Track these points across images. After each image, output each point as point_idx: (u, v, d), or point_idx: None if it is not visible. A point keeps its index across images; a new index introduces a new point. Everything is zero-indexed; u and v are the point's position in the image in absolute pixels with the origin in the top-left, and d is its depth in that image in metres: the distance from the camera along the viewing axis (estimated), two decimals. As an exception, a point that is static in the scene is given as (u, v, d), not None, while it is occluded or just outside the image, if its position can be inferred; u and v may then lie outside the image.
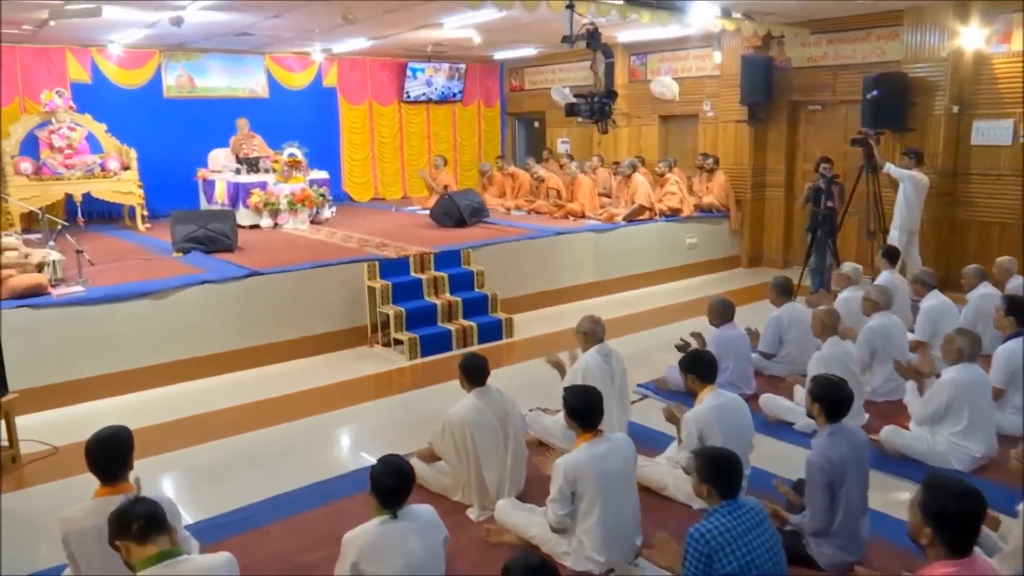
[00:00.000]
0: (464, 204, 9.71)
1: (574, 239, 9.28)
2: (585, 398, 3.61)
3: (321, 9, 8.27)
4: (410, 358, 7.14)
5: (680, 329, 8.14)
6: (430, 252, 8.00)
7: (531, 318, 8.41)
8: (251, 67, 12.32)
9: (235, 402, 6.15)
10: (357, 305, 7.50)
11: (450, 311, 7.64)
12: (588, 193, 10.37)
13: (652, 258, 10.10)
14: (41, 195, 9.54)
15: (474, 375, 4.28)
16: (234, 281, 6.86)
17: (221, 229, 8.10)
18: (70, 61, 10.85)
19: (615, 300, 9.44)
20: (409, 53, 12.96)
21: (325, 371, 6.89)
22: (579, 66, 13.48)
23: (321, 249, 8.28)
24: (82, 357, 6.14)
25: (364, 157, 13.58)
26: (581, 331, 4.96)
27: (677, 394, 6.02)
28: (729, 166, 11.10)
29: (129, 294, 6.35)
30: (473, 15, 9.05)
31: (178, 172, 11.39)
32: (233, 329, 6.83)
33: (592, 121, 6.07)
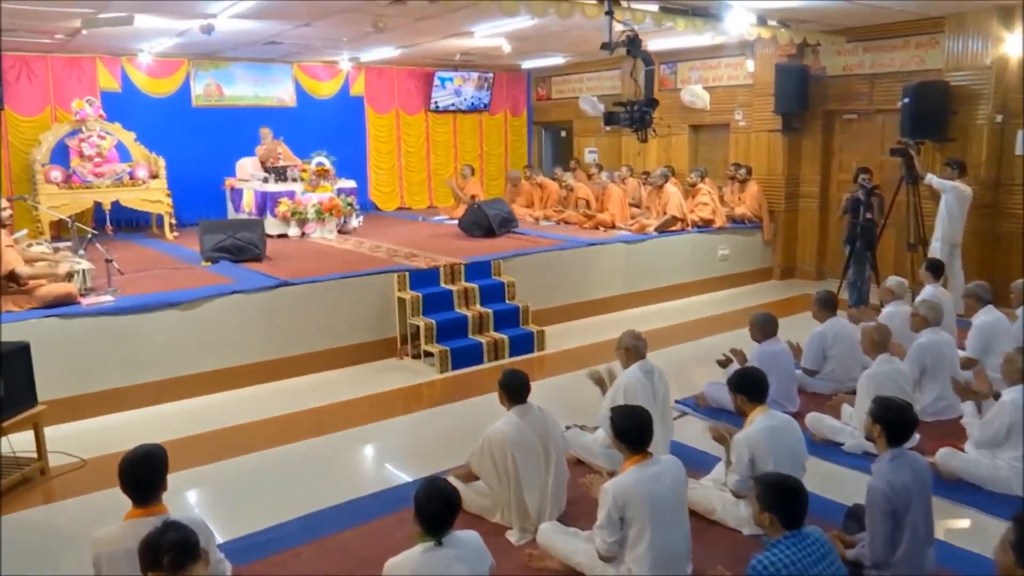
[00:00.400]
0: (493, 214, 9.59)
1: (605, 250, 9.12)
2: (634, 419, 3.45)
3: (352, 17, 8.20)
4: (441, 371, 7.01)
5: (715, 343, 8.00)
6: (460, 263, 7.88)
7: (562, 330, 8.25)
8: (279, 76, 12.30)
9: (265, 415, 6.04)
10: (387, 316, 7.39)
11: (481, 323, 7.51)
12: (618, 203, 10.21)
13: (683, 270, 9.92)
14: (71, 203, 9.54)
15: (514, 392, 4.14)
16: (263, 291, 6.77)
17: (249, 238, 8.03)
18: (100, 70, 10.88)
19: (646, 312, 9.27)
20: (437, 62, 12.89)
21: (355, 383, 6.77)
22: (608, 75, 13.37)
23: (350, 259, 8.18)
24: (111, 368, 6.07)
25: (390, 166, 13.51)
26: (622, 347, 4.80)
27: (717, 411, 5.86)
28: (762, 176, 10.90)
29: (158, 304, 6.27)
30: (503, 24, 8.95)
31: (206, 181, 11.38)
32: (262, 340, 6.74)
33: (632, 130, 5.92)
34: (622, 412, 3.50)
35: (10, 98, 10.33)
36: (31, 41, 9.47)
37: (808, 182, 10.89)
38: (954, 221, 8.28)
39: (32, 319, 5.79)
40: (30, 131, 10.45)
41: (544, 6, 6.97)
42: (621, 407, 3.61)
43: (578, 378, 6.72)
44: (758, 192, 10.68)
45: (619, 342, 4.84)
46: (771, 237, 10.88)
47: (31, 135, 10.40)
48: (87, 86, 10.75)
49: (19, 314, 5.84)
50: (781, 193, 10.87)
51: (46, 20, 7.97)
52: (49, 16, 7.75)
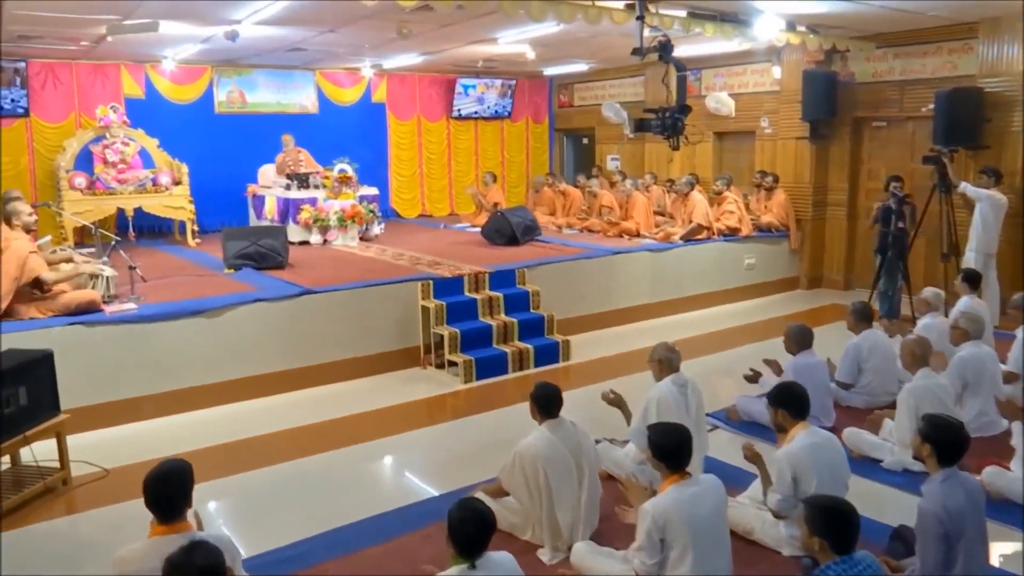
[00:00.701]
0: (516, 222, 9.49)
1: (630, 259, 8.99)
2: (673, 437, 3.32)
3: (376, 24, 8.14)
4: (465, 381, 6.90)
5: (743, 355, 7.86)
6: (485, 271, 7.78)
7: (586, 340, 8.13)
8: (301, 82, 12.29)
9: (288, 425, 5.96)
10: (410, 325, 7.29)
11: (505, 332, 7.40)
12: (643, 211, 10.08)
13: (709, 279, 9.76)
14: (94, 209, 9.53)
15: (547, 406, 4.02)
16: (287, 299, 6.70)
17: (272, 246, 7.97)
18: (125, 77, 10.91)
19: (671, 322, 9.13)
20: (459, 69, 12.83)
21: (378, 393, 6.67)
22: (631, 81, 13.26)
23: (373, 267, 8.11)
24: (134, 376, 6.01)
25: (412, 173, 13.46)
26: (656, 359, 4.67)
27: (748, 424, 5.73)
28: (788, 184, 10.74)
29: (181, 312, 6.21)
30: (528, 30, 8.87)
31: (228, 187, 11.38)
32: (285, 348, 6.67)
33: (664, 137, 5.80)
34: (661, 430, 3.38)
35: (36, 105, 10.38)
36: (57, 48, 9.50)
37: (836, 190, 10.72)
38: (989, 231, 8.10)
39: (55, 326, 5.75)
40: (55, 137, 10.49)
41: (572, 11, 6.87)
42: (660, 425, 3.48)
43: (604, 390, 6.63)
44: (785, 200, 10.51)
45: (652, 354, 4.71)
46: (798, 246, 10.70)
47: (56, 141, 10.43)
48: (111, 92, 10.77)
49: (43, 321, 5.80)
50: (808, 201, 10.69)
51: (73, 27, 7.98)
52: (75, 23, 7.75)
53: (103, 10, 7.16)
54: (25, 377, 4.67)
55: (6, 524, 4.45)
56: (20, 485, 4.75)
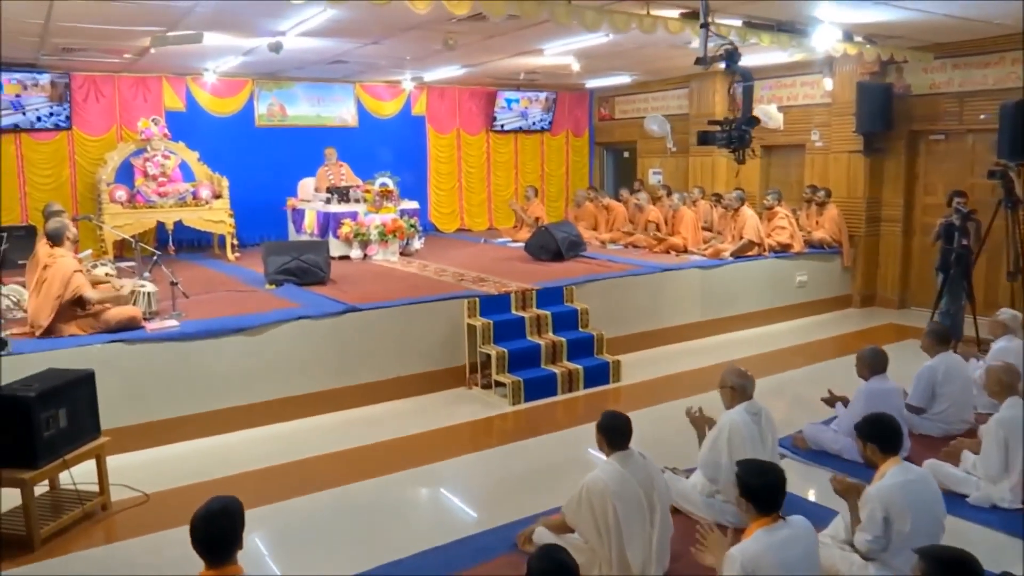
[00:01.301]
0: (561, 237, 9.24)
1: (680, 276, 8.70)
2: (766, 476, 3.04)
3: (423, 35, 7.98)
4: (513, 403, 6.65)
5: (801, 377, 7.53)
6: (532, 288, 7.53)
7: (636, 360, 7.84)
8: (341, 96, 12.19)
9: (333, 448, 5.75)
10: (456, 344, 7.07)
11: (554, 352, 7.14)
12: (691, 226, 9.79)
13: (760, 297, 9.43)
14: (134, 223, 9.46)
15: (616, 437, 3.75)
16: (331, 317, 6.50)
17: (315, 261, 7.80)
18: (166, 89, 10.87)
19: (722, 342, 8.81)
20: (499, 81, 12.65)
21: (424, 415, 6.44)
22: (674, 94, 12.99)
23: (416, 283, 7.90)
24: (174, 395, 5.84)
25: (451, 187, 13.28)
26: (727, 385, 4.39)
27: (818, 453, 5.41)
28: (840, 199, 10.38)
29: (223, 329, 6.04)
30: (574, 41, 8.66)
31: (267, 201, 11.29)
32: (329, 367, 6.47)
33: (730, 150, 5.54)
34: (752, 468, 3.09)
35: (78, 118, 10.37)
36: (100, 61, 9.47)
37: (890, 205, 10.34)
38: (1060, 248, 7.70)
39: (96, 344, 5.61)
40: (96, 150, 10.46)
41: (626, 20, 6.64)
42: (751, 463, 3.19)
43: (660, 414, 6.36)
44: (837, 216, 10.15)
45: (723, 379, 4.43)
46: (851, 263, 10.32)
47: (97, 154, 10.41)
48: (152, 105, 10.74)
49: (83, 339, 5.66)
50: (862, 217, 10.33)
51: (118, 39, 7.92)
52: (121, 35, 7.68)
53: (149, 20, 7.06)
54: (66, 398, 4.51)
55: (44, 552, 4.28)
56: (58, 510, 4.58)
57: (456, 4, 5.65)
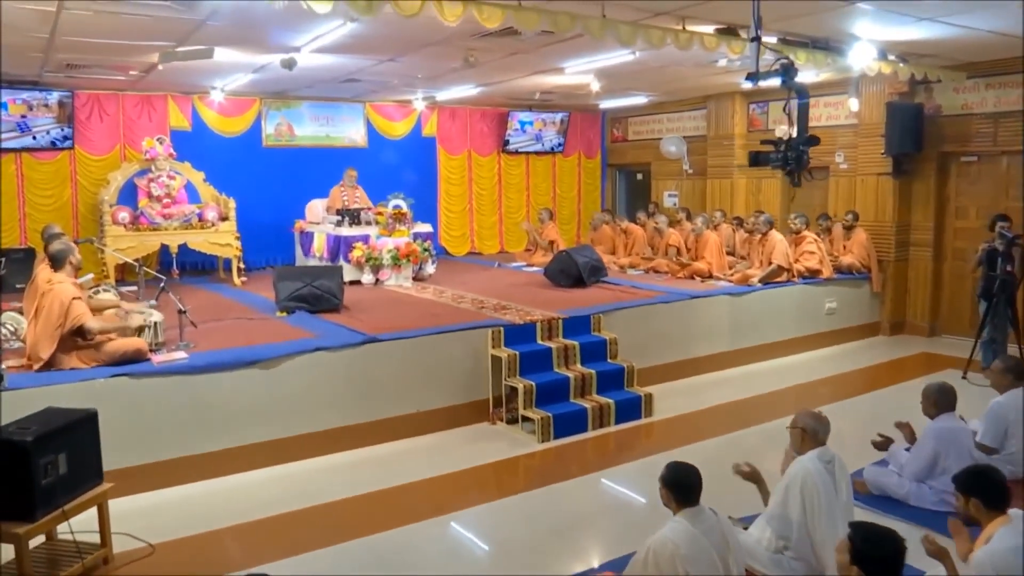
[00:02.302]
0: (583, 262, 8.87)
1: (709, 303, 8.32)
2: (884, 546, 2.64)
3: (443, 51, 7.65)
4: (542, 439, 6.23)
5: (840, 411, 7.11)
6: (558, 317, 7.14)
7: (665, 392, 7.42)
8: (351, 115, 11.86)
9: (352, 491, 5.32)
10: (479, 376, 6.67)
11: (583, 385, 6.74)
12: (716, 251, 9.42)
13: (789, 324, 9.05)
14: (137, 246, 9.08)
15: (685, 492, 3.36)
16: (349, 348, 6.10)
17: (328, 287, 7.41)
18: (171, 108, 10.53)
19: (751, 372, 8.43)
20: (512, 102, 12.34)
21: (448, 453, 6.03)
22: (690, 115, 12.69)
23: (434, 311, 7.51)
24: (183, 433, 5.43)
25: (461, 209, 12.93)
26: (799, 427, 3.98)
27: (880, 499, 5.00)
28: (868, 222, 10.03)
29: (235, 362, 5.63)
30: (596, 59, 8.34)
31: (274, 223, 10.93)
32: (346, 402, 6.06)
33: (785, 171, 5.18)
34: (870, 535, 2.68)
35: (81, 137, 10.01)
36: (105, 78, 9.12)
37: (920, 229, 10.00)
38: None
39: (98, 378, 5.19)
40: (99, 170, 10.09)
41: (662, 35, 6.32)
42: (869, 527, 2.77)
43: (699, 454, 5.93)
44: (866, 240, 9.80)
45: (795, 421, 4.03)
46: (880, 289, 9.96)
47: (100, 174, 10.03)
48: (157, 124, 10.39)
49: (84, 372, 5.26)
50: (891, 241, 9.98)
51: (125, 54, 7.57)
52: (129, 49, 7.33)
53: (158, 35, 6.72)
54: (66, 442, 4.10)
55: (41, 615, 3.85)
56: (56, 565, 4.15)
57: (488, 16, 5.32)
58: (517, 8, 5.46)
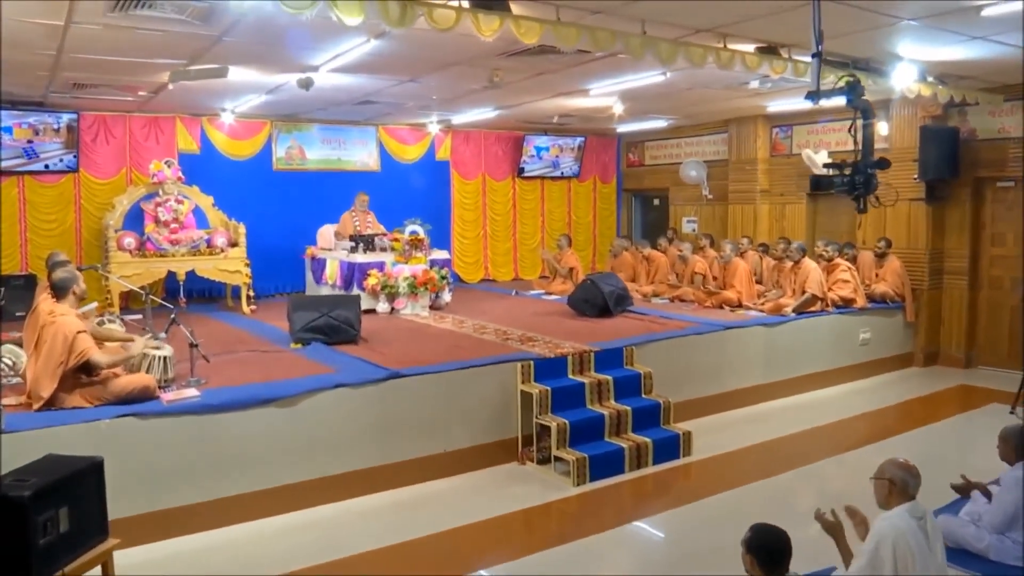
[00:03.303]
0: (608, 290, 8.50)
1: (743, 334, 7.94)
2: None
3: (465, 71, 7.34)
4: (577, 483, 5.81)
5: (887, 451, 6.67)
6: (589, 350, 6.75)
7: (700, 429, 6.98)
8: (363, 139, 11.54)
9: (376, 542, 4.90)
10: (507, 413, 6.27)
11: (619, 423, 6.33)
12: (745, 279, 9.06)
13: (823, 356, 8.66)
14: (143, 272, 8.70)
15: (773, 560, 2.95)
16: (372, 384, 5.70)
17: (345, 317, 7.03)
18: (180, 130, 10.19)
19: (786, 407, 8.03)
20: (527, 125, 12.04)
21: (477, 497, 5.61)
22: (709, 139, 12.39)
23: (457, 342, 7.12)
24: (195, 477, 5.02)
25: (475, 235, 12.57)
26: (886, 479, 3.56)
27: (958, 553, 4.55)
28: (900, 249, 9.68)
29: (251, 400, 5.22)
30: (623, 81, 8.04)
31: (284, 249, 10.58)
32: (369, 442, 5.65)
33: (852, 197, 4.84)
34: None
35: (86, 159, 9.66)
36: (112, 99, 8.80)
37: (954, 257, 9.65)
38: None
39: (103, 418, 4.79)
40: (104, 194, 9.74)
41: (703, 54, 6.00)
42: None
43: (750, 500, 5.57)
44: (900, 268, 9.44)
45: (881, 471, 3.61)
46: (914, 318, 9.58)
47: (105, 198, 9.69)
48: (165, 147, 10.06)
49: (87, 412, 4.86)
50: (924, 269, 9.63)
51: (134, 73, 7.24)
52: (137, 68, 7.00)
53: (170, 52, 6.39)
54: (68, 495, 3.68)
55: None
56: (58, 632, 3.72)
57: (526, 32, 4.99)
58: (556, 24, 5.14)
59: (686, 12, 5.51)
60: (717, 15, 5.64)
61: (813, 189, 5.14)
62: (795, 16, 5.57)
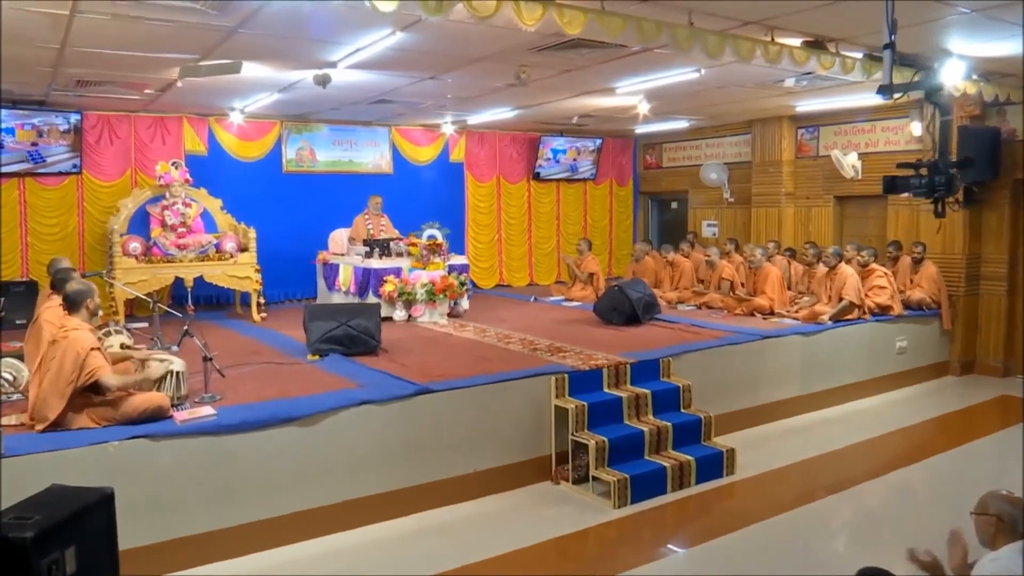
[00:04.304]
0: (636, 297, 8.13)
1: (780, 343, 7.57)
2: None
3: (492, 68, 6.97)
4: (617, 505, 5.43)
5: (940, 471, 6.34)
6: (625, 361, 6.37)
7: (737, 444, 6.54)
8: (375, 140, 11.17)
9: (403, 569, 4.52)
10: (540, 430, 5.89)
11: (659, 440, 5.96)
12: (777, 285, 8.69)
13: (860, 366, 8.28)
14: (150, 279, 8.34)
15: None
16: (399, 401, 5.32)
17: (365, 327, 6.65)
18: (187, 131, 9.83)
19: (824, 419, 7.65)
20: (543, 126, 11.66)
21: (511, 522, 5.23)
22: (731, 141, 12.02)
23: (483, 353, 6.75)
24: (211, 503, 4.64)
25: (490, 239, 12.20)
26: (992, 515, 3.19)
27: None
28: (935, 254, 9.29)
29: (271, 420, 4.84)
30: (653, 78, 7.68)
31: (294, 254, 10.21)
32: (395, 463, 5.27)
33: (931, 199, 4.48)
34: None
35: (89, 161, 9.29)
36: (117, 98, 8.43)
37: (992, 262, 9.28)
38: None
39: (111, 440, 4.40)
40: (108, 197, 9.37)
41: (751, 47, 5.65)
42: None
43: (797, 522, 5.19)
44: (936, 274, 9.06)
45: (984, 506, 3.22)
46: (950, 326, 9.21)
47: (109, 201, 9.31)
48: (171, 148, 9.69)
49: (95, 433, 4.47)
50: (960, 275, 9.25)
51: (141, 69, 6.87)
52: (145, 64, 6.63)
53: (181, 46, 6.02)
54: (75, 533, 3.28)
55: None
56: None
57: (569, 21, 4.63)
58: (600, 13, 4.78)
59: (734, 3, 5.15)
60: (765, 6, 5.28)
61: (887, 191, 4.75)
62: (846, 7, 5.21)
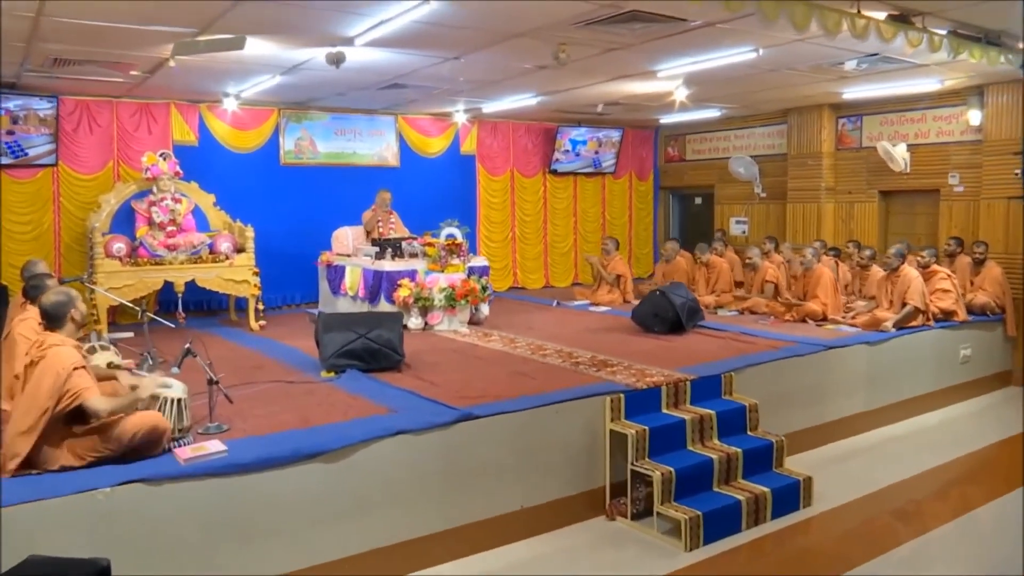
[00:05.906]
0: (680, 303, 7.36)
1: (845, 354, 6.82)
2: None
3: (528, 45, 6.17)
4: (689, 547, 4.65)
5: None
6: (685, 378, 5.60)
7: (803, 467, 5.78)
8: (381, 129, 10.33)
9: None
10: (594, 458, 5.11)
11: (728, 469, 5.18)
12: (831, 289, 7.94)
13: (925, 377, 7.55)
14: (136, 283, 7.50)
15: None
16: (438, 429, 4.51)
17: (387, 339, 5.83)
18: (175, 119, 8.94)
19: (891, 437, 6.93)
20: (562, 115, 10.87)
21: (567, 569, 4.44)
22: (763, 132, 11.28)
23: (520, 368, 5.95)
24: (223, 555, 3.82)
25: (504, 238, 11.39)
26: None
27: None
28: (995, 254, 8.58)
29: (293, 456, 4.02)
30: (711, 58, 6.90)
31: (294, 254, 9.40)
32: (435, 501, 4.47)
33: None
34: None
35: (66, 151, 8.39)
36: (98, 81, 7.55)
37: (1058, 262, 8.59)
38: None
39: (101, 487, 3.57)
40: (87, 192, 8.49)
41: (837, 20, 4.91)
42: None
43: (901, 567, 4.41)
44: (1001, 276, 8.34)
45: None
46: (1015, 332, 8.50)
47: (89, 197, 8.43)
48: (158, 138, 8.81)
49: (79, 477, 3.65)
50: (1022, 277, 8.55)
51: (128, 46, 6.02)
52: (133, 39, 5.77)
53: (177, 18, 5.19)
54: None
55: None
56: None
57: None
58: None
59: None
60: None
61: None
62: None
